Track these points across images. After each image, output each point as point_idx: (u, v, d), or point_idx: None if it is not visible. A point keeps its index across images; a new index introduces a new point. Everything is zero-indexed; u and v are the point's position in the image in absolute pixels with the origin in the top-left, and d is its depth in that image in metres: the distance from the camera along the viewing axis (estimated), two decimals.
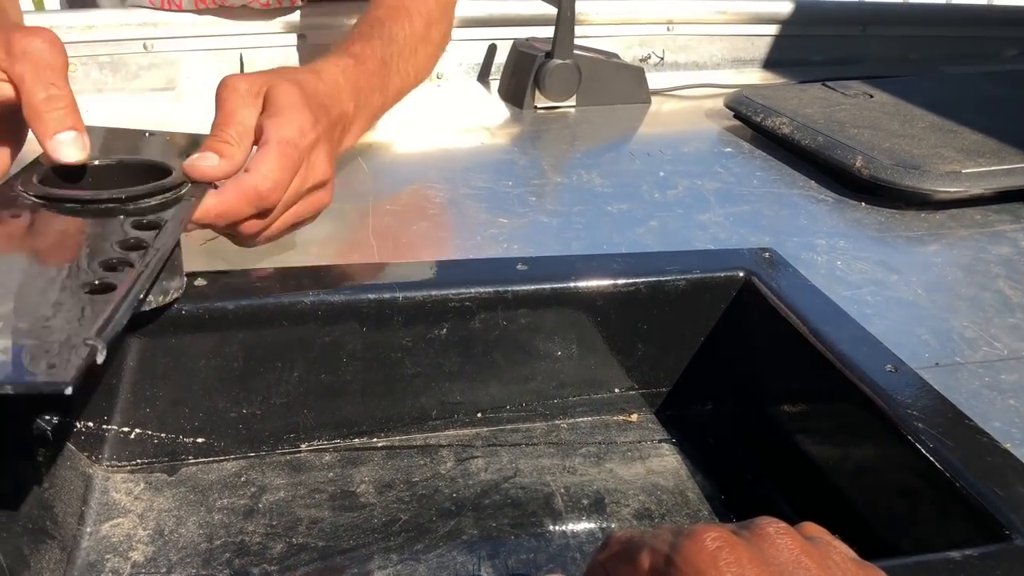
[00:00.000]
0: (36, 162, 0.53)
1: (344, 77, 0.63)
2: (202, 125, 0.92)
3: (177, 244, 0.48)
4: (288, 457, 0.61)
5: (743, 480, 0.61)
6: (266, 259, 0.62)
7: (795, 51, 1.25)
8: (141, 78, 1.04)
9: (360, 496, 0.57)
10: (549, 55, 1.02)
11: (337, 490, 0.58)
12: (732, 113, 0.97)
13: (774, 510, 0.57)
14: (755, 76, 1.22)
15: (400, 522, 0.55)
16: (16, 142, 0.54)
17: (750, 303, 0.61)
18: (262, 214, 0.55)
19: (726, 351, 0.63)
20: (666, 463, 0.62)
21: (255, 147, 0.56)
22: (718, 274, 0.62)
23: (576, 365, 0.64)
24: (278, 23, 1.05)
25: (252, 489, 0.58)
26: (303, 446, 0.62)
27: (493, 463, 0.61)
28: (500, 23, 1.14)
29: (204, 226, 0.54)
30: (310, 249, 0.65)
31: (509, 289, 0.60)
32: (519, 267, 0.61)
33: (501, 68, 1.11)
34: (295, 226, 0.60)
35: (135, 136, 0.60)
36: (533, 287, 0.60)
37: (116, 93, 1.03)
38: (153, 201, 0.48)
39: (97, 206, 0.47)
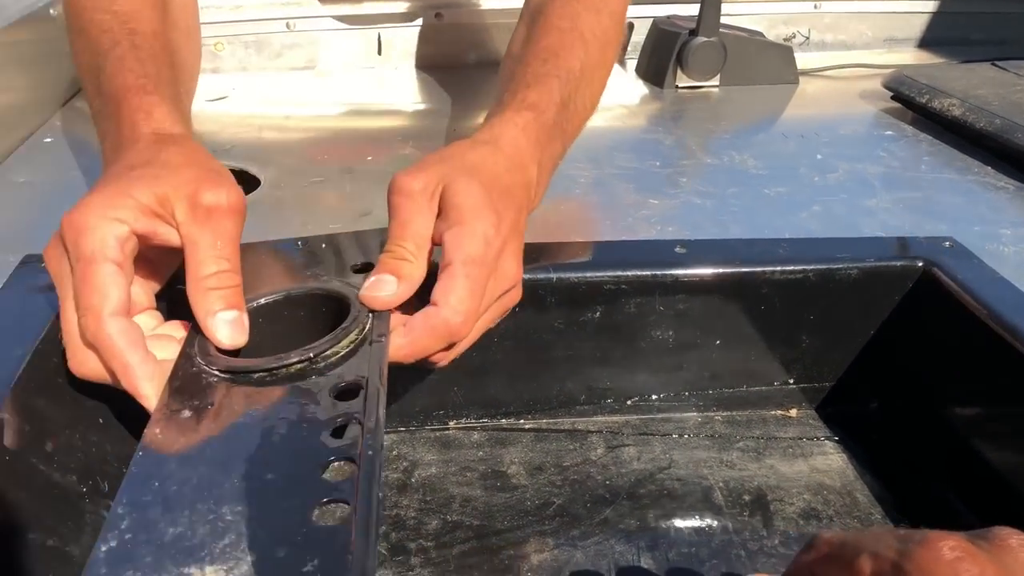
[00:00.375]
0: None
1: (526, 138, 0.55)
2: (341, 102, 0.93)
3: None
4: (437, 434, 0.61)
5: (916, 483, 0.57)
6: None
7: (954, 29, 1.17)
8: (283, 57, 1.06)
9: (512, 477, 0.57)
10: (693, 33, 0.99)
11: (488, 469, 0.57)
12: (890, 94, 0.91)
13: (955, 517, 0.53)
14: (909, 56, 1.15)
15: (554, 506, 0.54)
16: (158, 281, 0.48)
17: (929, 295, 0.57)
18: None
19: (898, 346, 0.59)
20: (831, 462, 0.58)
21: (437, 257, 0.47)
22: (894, 263, 0.58)
23: (733, 355, 0.61)
24: (415, 3, 1.05)
25: (404, 464, 0.58)
26: (451, 424, 0.62)
27: (645, 452, 0.59)
28: (638, 0, 1.10)
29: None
30: None
31: (668, 273, 0.58)
32: (677, 250, 0.59)
33: (639, 47, 1.08)
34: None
35: (287, 248, 0.55)
36: (693, 271, 0.58)
37: (259, 72, 1.05)
38: (342, 351, 0.43)
39: (287, 370, 0.42)
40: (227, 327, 0.44)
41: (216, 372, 0.42)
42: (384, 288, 0.46)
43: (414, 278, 0.47)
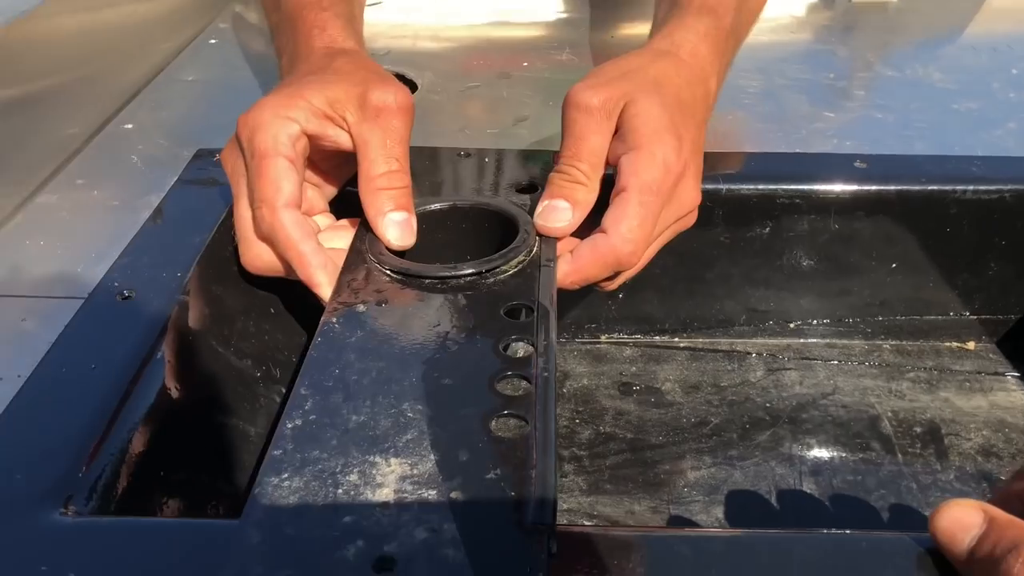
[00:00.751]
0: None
1: (706, 46, 0.51)
2: (494, 10, 0.91)
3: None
4: (589, 346, 0.60)
5: None
6: None
7: None
8: None
9: (666, 394, 0.55)
10: None
11: (641, 385, 0.56)
12: None
13: None
14: None
15: (710, 425, 0.53)
16: (332, 187, 0.49)
17: None
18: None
19: None
20: (1013, 399, 0.54)
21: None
22: None
23: (907, 282, 0.57)
24: None
25: (556, 374, 0.57)
26: (603, 337, 0.61)
27: (808, 377, 0.56)
28: None
29: None
30: None
31: (846, 188, 0.54)
32: (857, 164, 0.55)
33: None
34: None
35: (449, 156, 0.55)
36: (875, 187, 0.54)
37: None
38: (510, 270, 0.43)
39: (458, 281, 0.42)
40: (396, 228, 0.44)
41: (388, 272, 0.42)
42: (559, 216, 0.44)
43: (588, 203, 0.45)
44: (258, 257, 0.43)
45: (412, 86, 0.70)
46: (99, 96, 0.64)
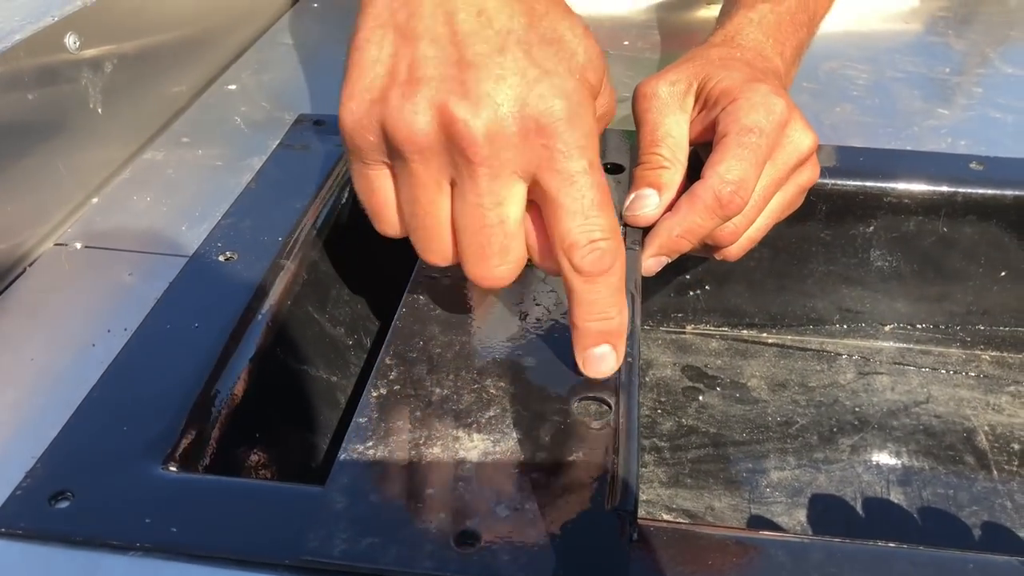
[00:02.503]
0: None
1: (763, 32, 0.50)
2: None
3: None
4: (674, 336, 0.59)
5: None
6: None
7: None
8: None
9: (752, 390, 0.54)
10: None
11: (726, 379, 0.55)
12: None
13: None
14: None
15: (796, 425, 0.52)
16: None
17: None
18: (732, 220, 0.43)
19: None
20: None
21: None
22: None
23: (1013, 290, 0.55)
24: None
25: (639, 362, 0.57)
26: (689, 328, 0.60)
27: (900, 383, 0.55)
28: None
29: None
30: None
31: (959, 191, 0.51)
32: (972, 166, 0.53)
33: None
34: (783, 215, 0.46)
35: None
36: (991, 191, 0.51)
37: None
38: None
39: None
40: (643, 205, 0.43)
41: None
42: (646, 204, 0.43)
43: (674, 184, 0.43)
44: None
45: None
46: (205, 56, 0.65)
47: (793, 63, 0.53)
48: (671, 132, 0.44)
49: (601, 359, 0.35)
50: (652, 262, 0.43)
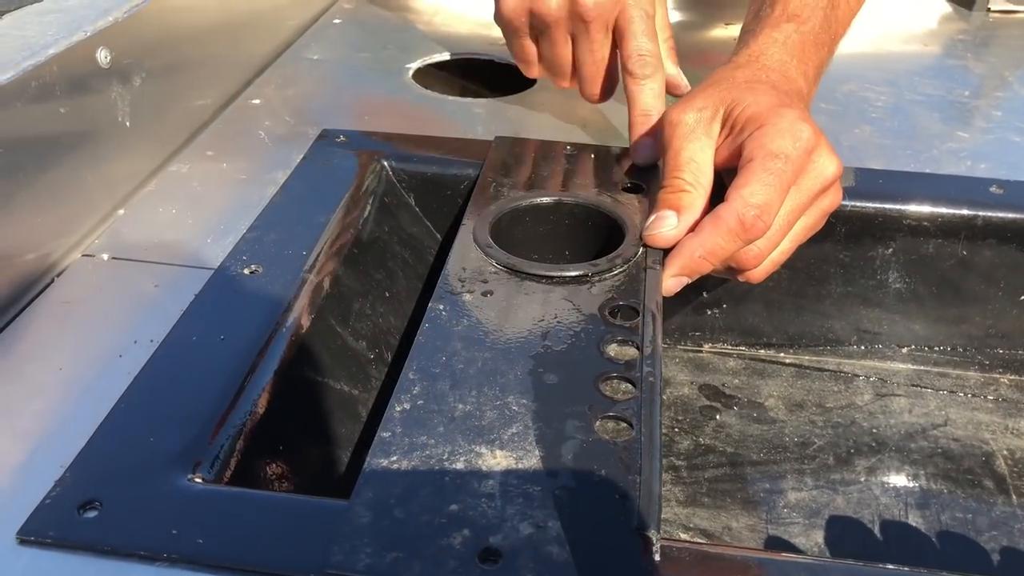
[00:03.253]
0: (482, 212, 0.47)
1: (787, 52, 0.51)
2: None
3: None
4: (691, 354, 0.59)
5: None
6: None
7: None
8: None
9: (769, 410, 0.54)
10: None
11: (743, 399, 0.55)
12: None
13: None
14: None
15: (814, 446, 0.52)
16: None
17: None
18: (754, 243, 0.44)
19: None
20: None
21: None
22: None
23: None
24: None
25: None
26: (706, 346, 0.60)
27: (918, 405, 0.55)
28: None
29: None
30: None
31: (979, 214, 0.52)
32: (993, 190, 0.53)
33: None
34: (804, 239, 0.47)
35: (556, 150, 0.55)
36: (1011, 215, 0.51)
37: None
38: (616, 269, 0.42)
39: (564, 279, 0.42)
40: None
41: (493, 264, 0.43)
42: (665, 225, 0.44)
43: (695, 208, 0.44)
44: None
45: (529, 80, 0.70)
46: (230, 70, 0.66)
47: (814, 83, 0.53)
48: (694, 157, 0.45)
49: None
50: (673, 282, 0.43)
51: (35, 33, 0.47)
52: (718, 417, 0.54)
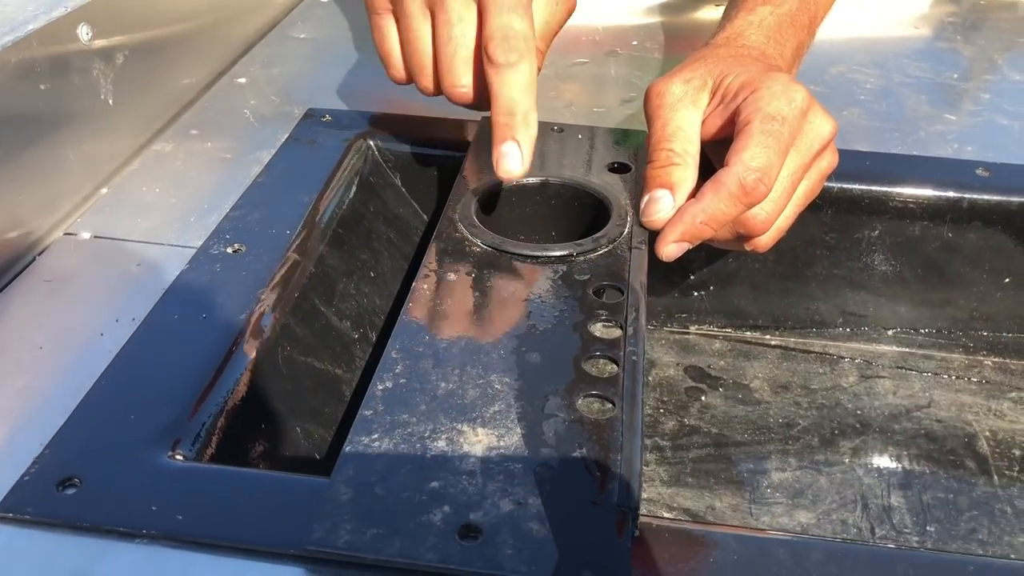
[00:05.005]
0: (467, 193, 0.47)
1: (763, 34, 0.51)
2: None
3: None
4: (677, 336, 0.59)
5: None
6: None
7: None
8: None
9: (754, 391, 0.54)
10: None
11: (729, 380, 0.55)
12: None
13: None
14: None
15: (798, 427, 0.52)
16: None
17: None
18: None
19: None
20: None
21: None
22: None
23: (1017, 297, 0.55)
24: None
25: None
26: (692, 328, 0.60)
27: (902, 387, 0.55)
28: None
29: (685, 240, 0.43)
30: None
31: (965, 196, 0.52)
32: (979, 172, 0.53)
33: None
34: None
35: (542, 130, 0.51)
36: (996, 198, 0.51)
37: None
38: (601, 249, 0.42)
39: (548, 259, 0.42)
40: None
41: (478, 243, 0.43)
42: (660, 207, 0.42)
43: (688, 181, 0.43)
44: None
45: None
46: (214, 48, 0.65)
47: (793, 63, 0.53)
48: (683, 126, 0.44)
49: (506, 156, 0.42)
50: (673, 248, 0.42)
51: (14, 8, 0.46)
52: (703, 398, 0.54)
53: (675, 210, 0.42)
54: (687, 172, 0.43)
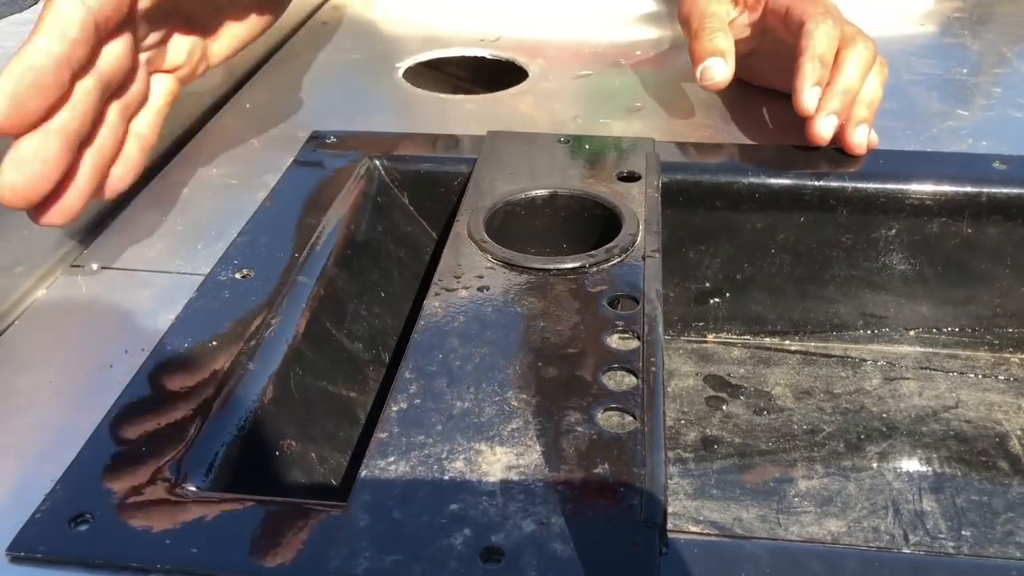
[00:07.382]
0: (475, 207, 0.46)
1: None
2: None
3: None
4: (695, 345, 0.58)
5: None
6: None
7: None
8: None
9: (776, 399, 0.53)
10: None
11: (750, 388, 0.54)
12: None
13: None
14: None
15: (823, 433, 0.51)
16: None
17: None
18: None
19: None
20: None
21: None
22: None
23: None
24: None
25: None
26: (710, 336, 0.59)
27: (928, 388, 0.54)
28: None
29: None
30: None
31: (983, 191, 0.51)
32: (996, 165, 0.52)
33: None
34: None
35: (550, 142, 0.53)
36: (1016, 191, 0.50)
37: None
38: (614, 260, 0.42)
39: (560, 272, 0.41)
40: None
41: (488, 258, 0.42)
42: (716, 71, 0.53)
43: (732, 50, 0.53)
44: None
45: (523, 73, 0.69)
46: (218, 74, 0.65)
47: None
48: (717, 12, 0.55)
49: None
50: (831, 120, 0.51)
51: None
52: (724, 408, 0.53)
53: (729, 71, 0.53)
54: (731, 43, 0.53)
